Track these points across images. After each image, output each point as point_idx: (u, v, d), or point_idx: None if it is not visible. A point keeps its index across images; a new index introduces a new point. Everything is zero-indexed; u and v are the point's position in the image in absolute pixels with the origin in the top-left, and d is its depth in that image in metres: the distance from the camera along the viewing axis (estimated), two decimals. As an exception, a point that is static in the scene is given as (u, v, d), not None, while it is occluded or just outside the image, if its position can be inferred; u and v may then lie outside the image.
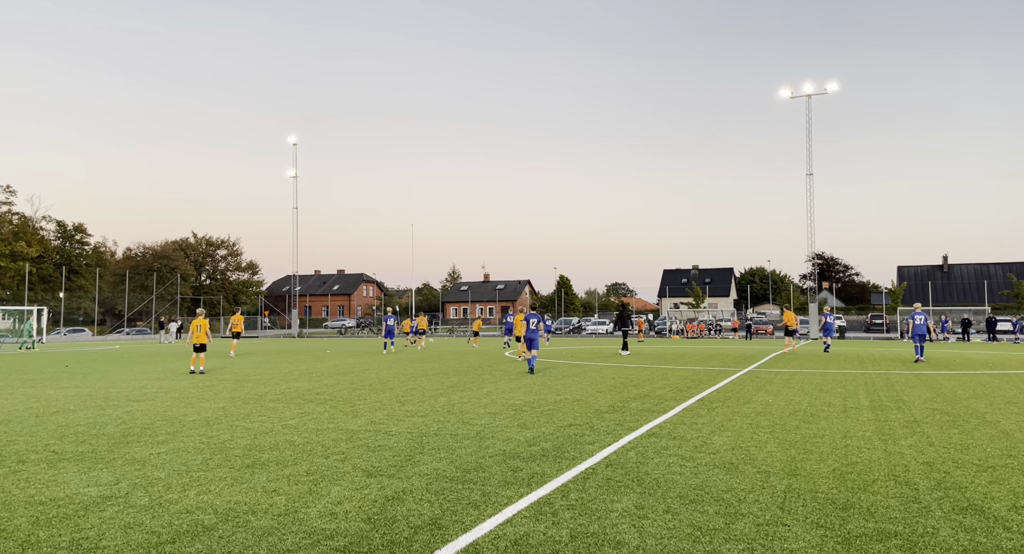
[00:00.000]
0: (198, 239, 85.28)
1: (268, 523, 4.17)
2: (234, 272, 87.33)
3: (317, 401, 10.11)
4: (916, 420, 8.02)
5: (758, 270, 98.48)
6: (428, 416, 8.47)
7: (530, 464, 5.72)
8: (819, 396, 10.46)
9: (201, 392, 11.49)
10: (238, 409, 9.28)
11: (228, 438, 7.04)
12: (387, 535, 3.94)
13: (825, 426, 7.58)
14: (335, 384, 12.74)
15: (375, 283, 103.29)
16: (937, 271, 77.86)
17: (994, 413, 8.59)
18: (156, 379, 14.16)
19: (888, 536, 3.89)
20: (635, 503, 4.55)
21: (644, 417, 8.31)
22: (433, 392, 11.26)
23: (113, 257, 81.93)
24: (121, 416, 8.68)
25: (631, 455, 6.07)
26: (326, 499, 4.69)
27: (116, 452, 6.35)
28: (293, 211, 61.16)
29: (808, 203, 47.72)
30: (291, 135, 61.99)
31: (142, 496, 4.80)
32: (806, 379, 13.37)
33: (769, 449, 6.30)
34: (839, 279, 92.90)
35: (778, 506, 4.47)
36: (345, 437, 7.04)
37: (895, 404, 9.50)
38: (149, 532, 4.02)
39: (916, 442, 6.64)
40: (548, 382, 12.91)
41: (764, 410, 8.88)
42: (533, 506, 4.50)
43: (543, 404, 9.60)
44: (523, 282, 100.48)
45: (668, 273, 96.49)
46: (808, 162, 47.77)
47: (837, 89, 46.94)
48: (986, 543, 3.77)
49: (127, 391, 11.78)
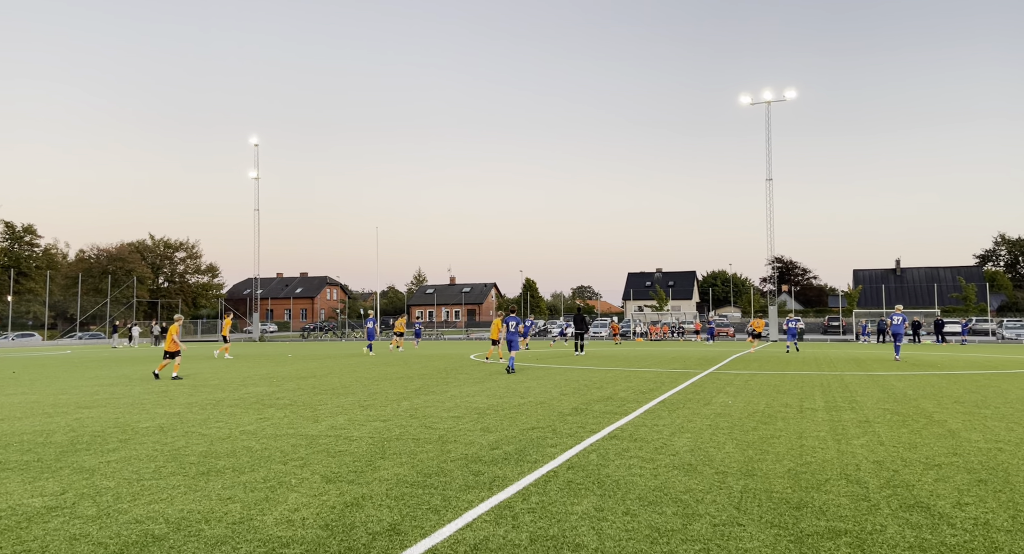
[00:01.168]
0: (156, 241, 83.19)
1: (222, 532, 4.08)
2: (193, 275, 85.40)
3: (277, 406, 9.93)
4: (868, 420, 8.24)
5: (720, 273, 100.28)
6: (390, 421, 8.39)
7: (492, 468, 5.71)
8: (777, 397, 10.68)
9: (156, 398, 11.19)
10: (194, 415, 9.06)
11: (183, 445, 6.86)
12: (345, 542, 3.89)
13: (782, 427, 7.74)
14: (296, 389, 12.54)
15: (339, 286, 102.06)
16: (890, 274, 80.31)
17: (941, 413, 8.88)
18: (108, 385, 13.74)
19: (838, 534, 3.98)
20: (595, 505, 4.58)
21: (606, 419, 8.38)
22: (396, 396, 11.16)
23: (65, 259, 79.33)
24: (70, 423, 8.40)
25: (592, 457, 6.11)
26: (283, 506, 4.60)
27: (63, 461, 6.14)
28: (255, 213, 60.10)
29: (768, 208, 48.80)
30: (252, 136, 60.94)
31: (90, 506, 4.65)
32: (765, 381, 13.64)
33: (727, 450, 6.41)
34: (798, 282, 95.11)
35: (734, 506, 4.54)
36: (305, 443, 6.93)
37: (849, 405, 9.75)
38: (96, 543, 3.90)
39: (868, 442, 6.83)
40: (512, 385, 12.91)
41: (723, 411, 9.03)
42: (494, 510, 4.49)
43: (507, 407, 9.60)
44: (489, 285, 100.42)
45: (632, 276, 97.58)
46: (768, 167, 48.87)
47: (795, 96, 48.18)
48: (931, 539, 3.89)
49: (77, 397, 11.40)
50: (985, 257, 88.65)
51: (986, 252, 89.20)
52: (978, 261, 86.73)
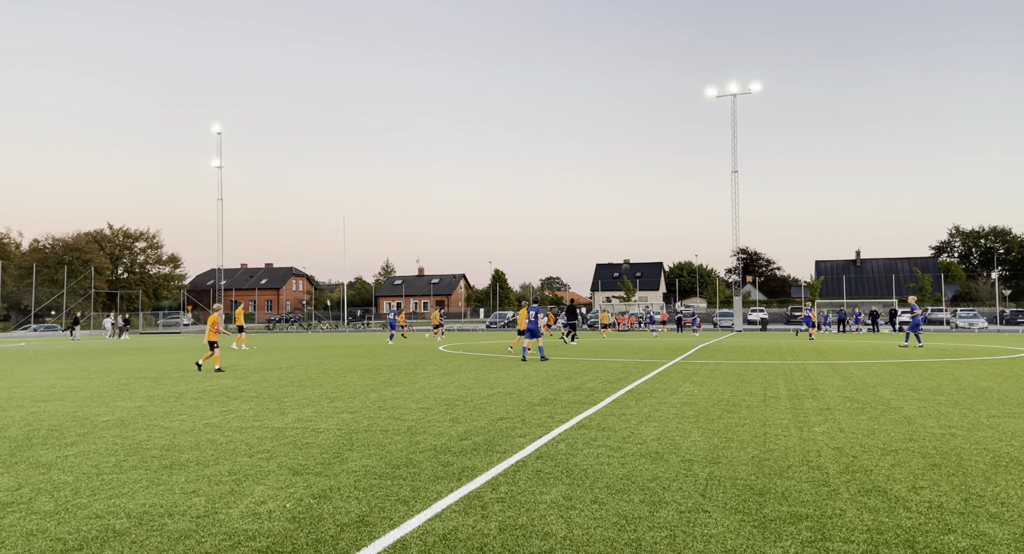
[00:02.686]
0: (114, 231, 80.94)
1: (185, 526, 4.01)
2: (154, 265, 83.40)
3: (242, 399, 9.78)
4: (829, 408, 8.46)
5: (686, 264, 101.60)
6: (358, 412, 8.33)
7: (461, 458, 5.71)
8: (741, 386, 10.89)
9: (116, 391, 10.92)
10: (156, 408, 8.87)
11: (144, 438, 6.72)
12: (312, 534, 3.85)
13: (746, 415, 7.90)
14: (262, 381, 12.36)
15: (305, 277, 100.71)
16: (851, 265, 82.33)
17: (898, 400, 9.16)
18: (66, 378, 13.37)
19: (800, 519, 4.08)
20: (563, 494, 4.62)
21: (575, 409, 8.44)
22: (364, 388, 11.08)
23: (18, 249, 76.73)
24: (25, 417, 8.15)
25: (561, 447, 6.15)
26: (249, 499, 4.54)
27: (18, 456, 5.96)
28: (218, 203, 58.88)
29: (733, 200, 49.53)
30: (215, 124, 59.60)
31: (47, 501, 4.52)
32: (729, 370, 13.89)
33: (693, 438, 6.51)
34: (762, 273, 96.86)
35: (700, 493, 4.62)
36: (271, 435, 6.84)
37: (811, 393, 9.99)
38: (54, 539, 3.79)
39: (828, 429, 7.01)
40: (481, 376, 12.92)
41: (689, 400, 9.18)
42: (463, 500, 4.50)
43: (476, 398, 9.60)
44: (458, 276, 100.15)
45: (600, 267, 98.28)
46: (733, 160, 49.55)
47: (760, 89, 48.86)
48: (888, 522, 4.01)
49: (32, 391, 11.07)
50: (940, 248, 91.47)
51: (941, 243, 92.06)
52: (934, 252, 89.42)
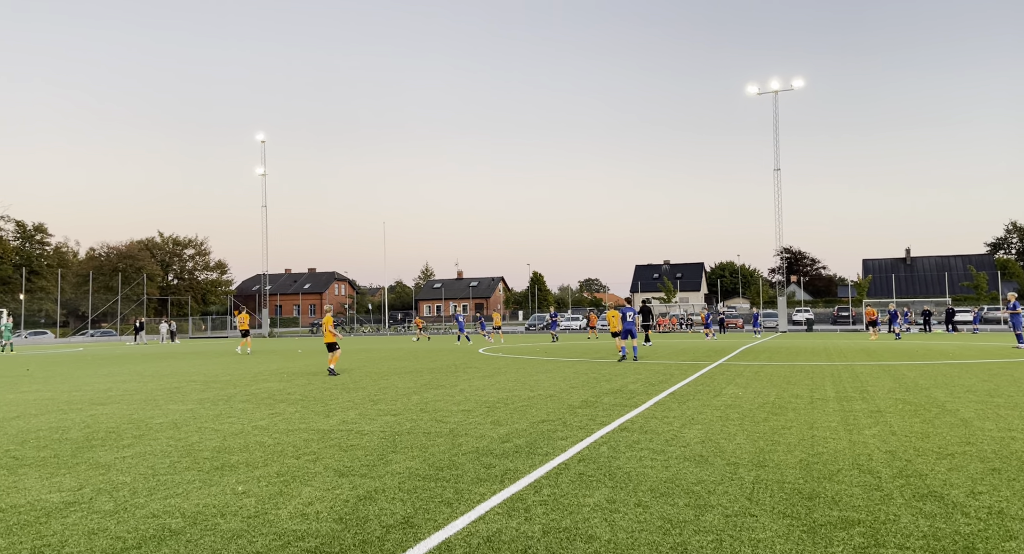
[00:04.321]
0: (164, 238, 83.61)
1: (237, 526, 4.12)
2: (202, 272, 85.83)
3: (288, 401, 10.00)
4: (880, 410, 8.22)
5: (728, 265, 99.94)
6: (401, 415, 8.43)
7: (503, 461, 5.73)
8: (787, 388, 10.66)
9: (168, 394, 11.28)
10: (207, 411, 9.13)
11: (197, 440, 6.92)
12: (359, 535, 3.92)
13: (793, 418, 7.73)
14: (306, 384, 12.61)
15: (347, 281, 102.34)
16: (900, 264, 79.77)
17: (954, 402, 8.84)
18: (122, 381, 13.86)
19: (852, 524, 3.98)
20: (607, 497, 4.59)
21: (616, 412, 8.38)
22: (406, 390, 11.21)
23: (76, 258, 79.94)
24: (85, 420, 8.48)
25: (603, 450, 6.12)
26: (297, 500, 4.64)
27: (79, 457, 6.21)
28: (262, 209, 60.26)
29: (776, 198, 48.52)
30: (259, 132, 61.09)
31: (106, 501, 4.70)
32: (775, 372, 13.61)
33: (738, 441, 6.40)
34: (807, 273, 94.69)
35: (746, 497, 4.54)
36: (316, 437, 6.97)
37: (860, 395, 9.72)
38: (114, 538, 3.94)
39: (879, 431, 6.81)
40: (522, 379, 12.94)
41: (734, 403, 9.02)
42: (506, 502, 4.51)
43: (516, 401, 9.62)
44: (496, 279, 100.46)
45: (640, 268, 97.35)
46: (776, 158, 48.54)
47: (802, 86, 47.74)
48: (945, 528, 3.88)
49: (91, 394, 11.51)
50: (996, 245, 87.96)
51: (997, 240, 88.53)
52: (989, 249, 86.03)
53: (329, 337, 14.64)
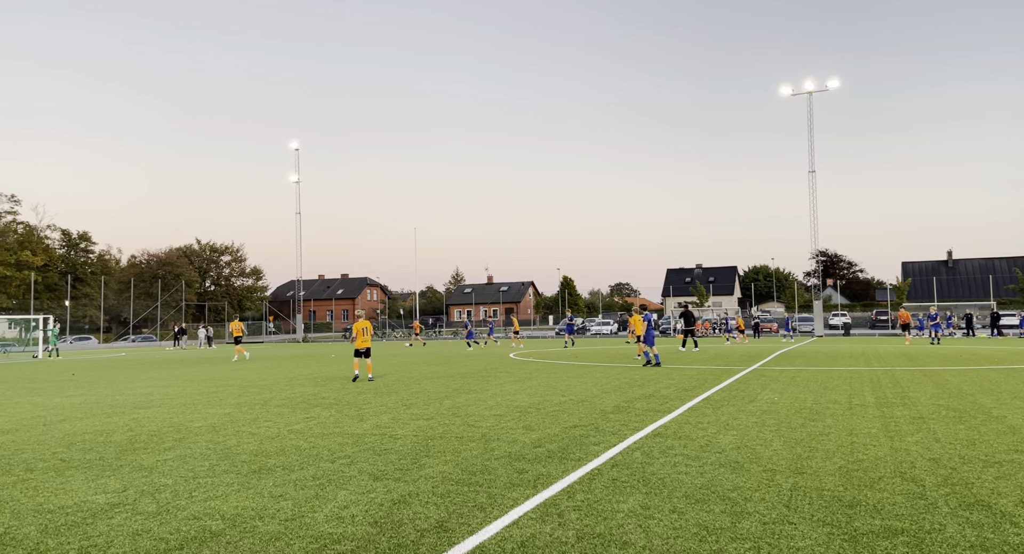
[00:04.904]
0: (202, 246, 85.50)
1: (275, 528, 4.19)
2: (238, 278, 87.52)
3: (323, 406, 10.13)
4: (922, 416, 8.00)
5: (762, 268, 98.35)
6: (433, 419, 8.48)
7: (536, 465, 5.72)
8: (824, 393, 10.44)
9: (207, 398, 11.52)
10: (244, 414, 9.30)
11: (234, 443, 7.06)
12: (394, 538, 3.95)
13: (831, 424, 7.57)
14: (340, 388, 12.76)
15: (379, 287, 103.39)
16: (942, 266, 77.61)
17: (1000, 408, 8.56)
18: (162, 386, 14.20)
19: (895, 533, 3.88)
20: (641, 503, 4.55)
21: (649, 417, 8.31)
22: (438, 395, 11.27)
23: (118, 265, 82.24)
24: (127, 423, 8.71)
25: (636, 455, 6.07)
26: (333, 503, 4.70)
27: (123, 459, 6.37)
28: (296, 216, 61.32)
29: (811, 200, 47.66)
30: (293, 140, 62.20)
31: (149, 503, 4.82)
32: (811, 377, 13.35)
33: (775, 447, 6.30)
34: (843, 276, 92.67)
35: (784, 504, 4.46)
36: (351, 441, 7.05)
37: (901, 401, 9.48)
38: (157, 539, 4.04)
39: (922, 438, 6.63)
40: (553, 383, 12.91)
41: (769, 408, 8.87)
42: (539, 507, 4.51)
43: (548, 405, 9.60)
44: (526, 283, 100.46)
45: (672, 272, 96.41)
46: (810, 159, 47.71)
47: (838, 86, 46.90)
48: (993, 539, 3.76)
49: (133, 398, 11.82)
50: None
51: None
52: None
53: (366, 342, 14.17)
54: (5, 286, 64.29)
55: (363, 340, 14.13)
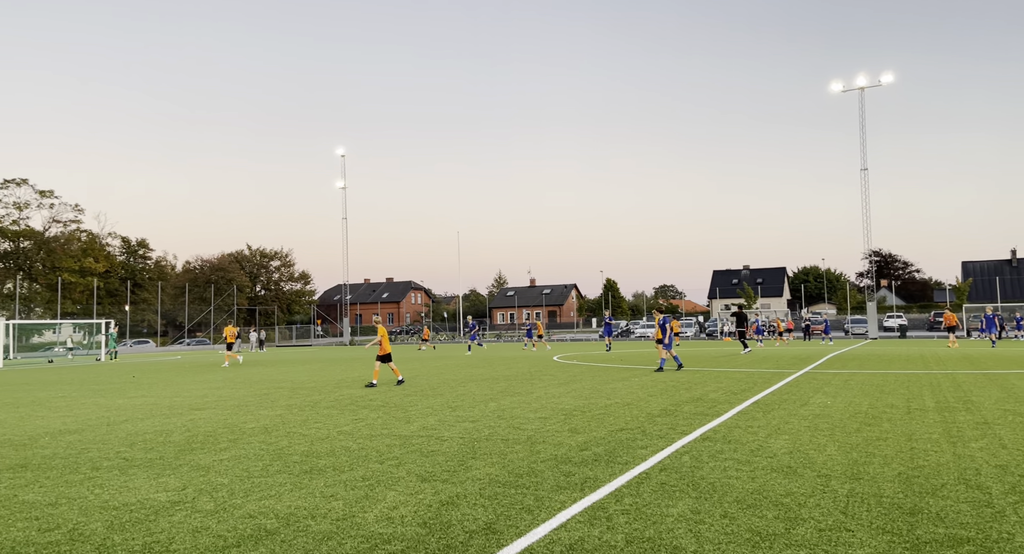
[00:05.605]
0: (252, 251, 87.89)
1: (327, 527, 4.27)
2: (287, 282, 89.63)
3: (370, 407, 10.29)
4: (987, 422, 7.67)
5: (812, 269, 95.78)
6: (479, 421, 8.52)
7: (582, 469, 5.70)
8: (880, 397, 10.11)
9: (259, 400, 11.83)
10: (295, 416, 9.52)
11: (286, 444, 7.23)
12: (443, 539, 3.99)
13: (888, 428, 7.32)
14: (387, 391, 12.94)
15: (423, 290, 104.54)
16: (1006, 266, 74.27)
17: (1072, 413, 8.14)
18: (216, 388, 14.64)
19: (960, 542, 3.73)
20: (691, 508, 4.49)
21: (697, 421, 8.18)
22: (483, 397, 11.32)
23: (173, 270, 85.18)
24: (185, 424, 9.01)
25: (685, 459, 5.98)
26: (382, 504, 4.77)
27: (182, 459, 6.60)
28: (343, 222, 62.54)
29: (863, 199, 46.25)
30: (339, 147, 63.52)
31: (208, 501, 4.98)
32: (866, 380, 12.93)
33: (829, 452, 6.12)
34: (898, 276, 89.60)
35: (841, 511, 4.34)
36: (399, 443, 7.14)
37: (963, 405, 9.11)
38: (215, 536, 4.17)
39: (987, 444, 6.35)
40: (598, 386, 12.83)
41: (822, 412, 8.63)
42: (587, 511, 4.48)
43: (593, 408, 9.55)
44: (569, 286, 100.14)
45: (718, 274, 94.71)
46: (863, 157, 46.30)
47: (891, 81, 45.41)
48: (1068, 550, 3.58)
49: (190, 400, 12.22)
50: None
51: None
52: (1108, 248, 78.73)
53: (386, 347, 14.28)
54: (70, 292, 67.29)
55: (386, 345, 14.32)
